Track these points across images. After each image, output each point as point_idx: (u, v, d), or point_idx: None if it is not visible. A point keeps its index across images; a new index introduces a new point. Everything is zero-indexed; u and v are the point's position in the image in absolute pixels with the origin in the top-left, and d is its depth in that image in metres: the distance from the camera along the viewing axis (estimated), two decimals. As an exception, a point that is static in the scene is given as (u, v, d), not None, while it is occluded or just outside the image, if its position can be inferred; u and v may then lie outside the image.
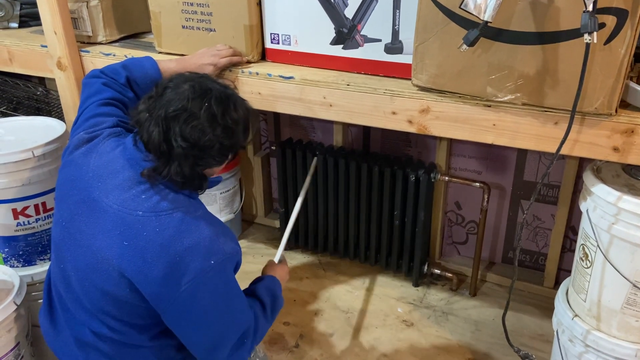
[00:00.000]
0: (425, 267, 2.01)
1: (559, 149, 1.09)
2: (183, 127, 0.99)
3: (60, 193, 1.13)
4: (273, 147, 2.09)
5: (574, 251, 1.33)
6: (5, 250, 1.53)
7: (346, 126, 2.06)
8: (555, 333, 1.39)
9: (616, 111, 1.05)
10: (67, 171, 1.12)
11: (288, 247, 2.23)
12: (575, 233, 1.81)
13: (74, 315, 1.12)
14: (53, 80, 1.64)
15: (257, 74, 1.39)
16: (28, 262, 1.55)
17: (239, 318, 1.08)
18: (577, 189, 1.77)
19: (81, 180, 1.07)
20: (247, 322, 1.10)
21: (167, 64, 1.36)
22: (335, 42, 1.35)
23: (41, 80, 2.41)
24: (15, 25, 1.84)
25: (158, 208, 1.00)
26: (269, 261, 1.42)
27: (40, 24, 1.53)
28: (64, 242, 1.09)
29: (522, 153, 1.86)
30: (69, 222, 1.08)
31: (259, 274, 1.34)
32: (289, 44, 1.41)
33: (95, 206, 1.03)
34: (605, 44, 0.99)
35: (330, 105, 1.32)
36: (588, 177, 1.23)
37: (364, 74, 1.34)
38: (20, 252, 1.53)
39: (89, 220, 1.04)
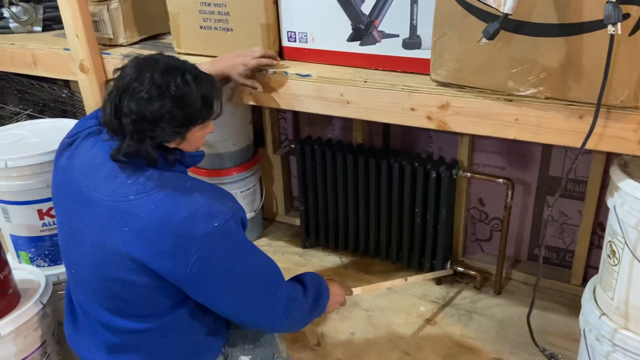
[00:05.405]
0: (448, 265, 1.99)
1: (583, 144, 1.06)
2: (130, 100, 0.99)
3: (55, 200, 1.16)
4: (292, 145, 2.09)
5: (601, 248, 1.29)
6: (32, 250, 1.57)
7: (366, 123, 2.05)
8: (582, 332, 1.36)
9: (643, 104, 1.02)
10: (56, 177, 1.16)
11: (308, 246, 2.22)
12: (603, 229, 1.76)
13: (96, 318, 1.13)
14: (77, 82, 1.67)
15: (275, 72, 1.38)
16: (54, 261, 1.58)
17: (260, 270, 1.09)
18: (605, 184, 1.72)
19: (70, 182, 1.10)
20: (273, 273, 1.10)
21: (204, 66, 1.36)
22: (352, 38, 1.33)
23: (66, 82, 2.44)
24: (39, 29, 1.87)
25: (146, 188, 1.02)
26: (337, 282, 1.41)
27: (63, 28, 1.56)
28: (69, 246, 1.12)
29: (547, 148, 1.82)
30: (68, 226, 1.11)
31: None
32: (306, 42, 1.40)
33: (88, 203, 1.06)
34: (630, 35, 0.95)
35: (348, 103, 1.31)
36: (615, 172, 1.19)
37: (382, 70, 1.33)
38: (46, 252, 1.56)
39: (85, 218, 1.07)
